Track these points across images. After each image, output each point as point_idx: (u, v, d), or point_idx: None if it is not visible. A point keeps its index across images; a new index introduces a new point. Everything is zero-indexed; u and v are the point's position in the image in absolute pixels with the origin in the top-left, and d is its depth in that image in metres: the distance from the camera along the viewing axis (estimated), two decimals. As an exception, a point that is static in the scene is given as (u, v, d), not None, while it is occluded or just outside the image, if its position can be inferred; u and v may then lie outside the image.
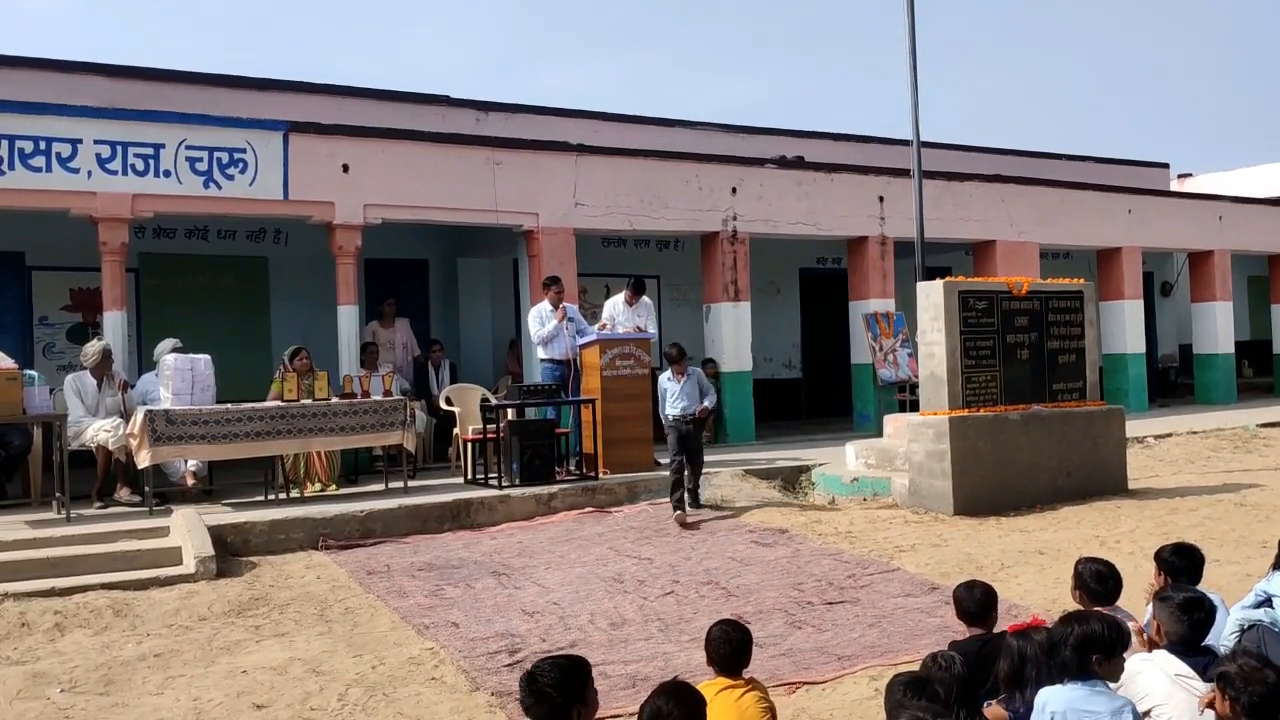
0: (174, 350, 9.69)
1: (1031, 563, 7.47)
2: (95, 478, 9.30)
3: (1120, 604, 4.34)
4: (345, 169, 11.16)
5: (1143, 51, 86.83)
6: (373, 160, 11.34)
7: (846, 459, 11.14)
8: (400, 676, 5.58)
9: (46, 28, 68.08)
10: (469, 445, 10.71)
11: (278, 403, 9.44)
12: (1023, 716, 3.59)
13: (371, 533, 8.81)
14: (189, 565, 7.61)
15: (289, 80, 14.68)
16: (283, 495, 9.58)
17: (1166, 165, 23.50)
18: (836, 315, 15.59)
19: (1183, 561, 4.48)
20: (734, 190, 13.59)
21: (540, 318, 10.95)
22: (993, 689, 3.84)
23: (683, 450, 9.24)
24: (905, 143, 13.47)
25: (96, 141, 10.00)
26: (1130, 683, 3.64)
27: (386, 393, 10.08)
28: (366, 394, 10.03)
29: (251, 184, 10.66)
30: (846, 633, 6.11)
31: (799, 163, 14.95)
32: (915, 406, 11.64)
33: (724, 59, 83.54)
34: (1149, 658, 3.77)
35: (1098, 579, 4.34)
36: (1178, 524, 8.46)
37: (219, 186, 10.52)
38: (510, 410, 10.40)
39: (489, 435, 10.35)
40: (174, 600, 7.01)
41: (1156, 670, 3.66)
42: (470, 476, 10.48)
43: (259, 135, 10.74)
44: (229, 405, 9.21)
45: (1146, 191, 18.59)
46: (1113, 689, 3.51)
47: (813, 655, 5.74)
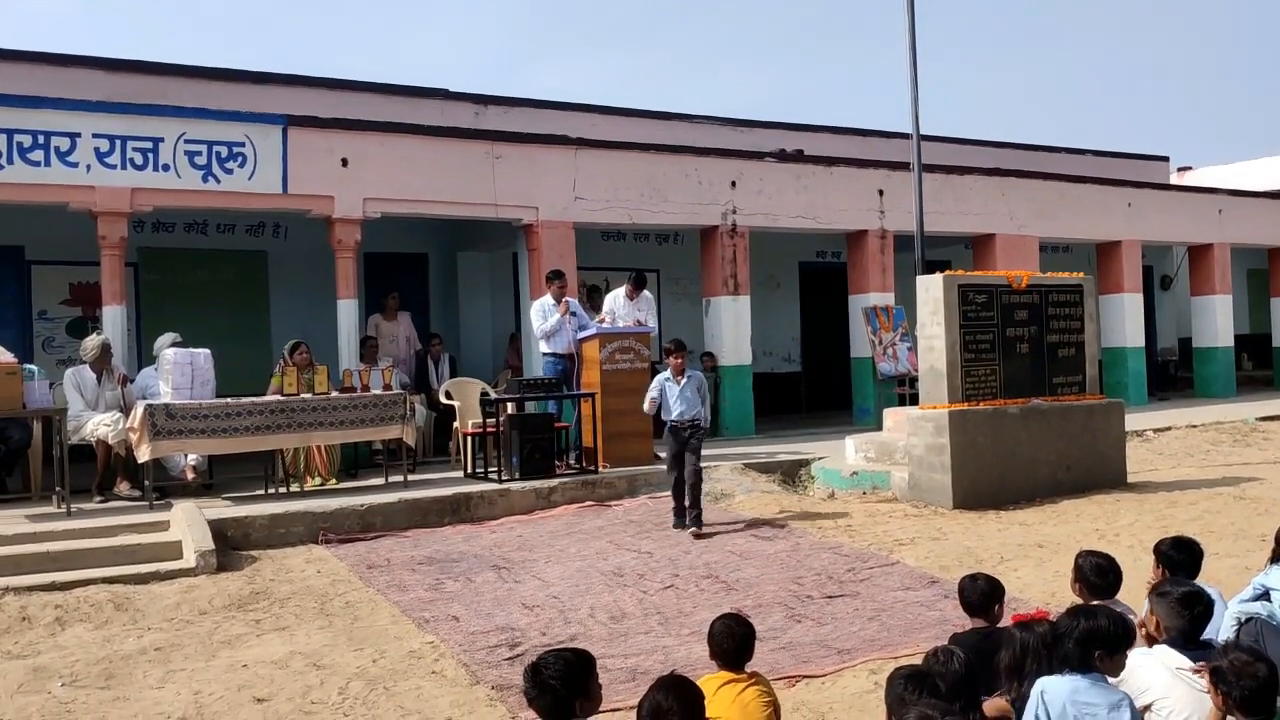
0: (174, 344, 9.68)
1: (1031, 556, 7.48)
2: (95, 472, 9.30)
3: (1120, 597, 4.35)
4: (344, 163, 11.15)
5: (1142, 45, 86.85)
6: (372, 154, 11.32)
7: (846, 453, 11.15)
8: (400, 670, 5.59)
9: (47, 27, 68.10)
10: (469, 439, 10.72)
11: (277, 397, 9.44)
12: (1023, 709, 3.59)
13: (371, 527, 8.82)
14: (189, 559, 7.61)
15: (288, 74, 14.66)
16: (283, 489, 9.58)
17: (1166, 158, 23.46)
18: (836, 309, 15.59)
19: (1181, 555, 4.50)
20: (733, 184, 13.57)
21: (543, 312, 10.95)
22: (993, 681, 3.84)
23: (678, 465, 8.53)
24: (905, 136, 13.48)
25: (95, 135, 9.99)
26: (1130, 676, 3.64)
27: (386, 387, 10.08)
28: (366, 388, 10.04)
29: (251, 178, 10.65)
30: (846, 626, 6.12)
31: (799, 156, 14.94)
32: (915, 400, 11.64)
33: (724, 56, 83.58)
34: (1149, 652, 3.77)
35: (1098, 572, 4.35)
36: (1177, 517, 8.48)
37: (218, 180, 10.50)
38: (510, 404, 10.41)
39: (489, 429, 10.37)
40: (174, 594, 7.02)
41: (1157, 664, 3.66)
42: (470, 470, 10.49)
43: (258, 129, 10.73)
44: (229, 399, 9.21)
45: (1146, 185, 18.57)
46: (1113, 684, 3.52)
47: (812, 648, 5.75)
